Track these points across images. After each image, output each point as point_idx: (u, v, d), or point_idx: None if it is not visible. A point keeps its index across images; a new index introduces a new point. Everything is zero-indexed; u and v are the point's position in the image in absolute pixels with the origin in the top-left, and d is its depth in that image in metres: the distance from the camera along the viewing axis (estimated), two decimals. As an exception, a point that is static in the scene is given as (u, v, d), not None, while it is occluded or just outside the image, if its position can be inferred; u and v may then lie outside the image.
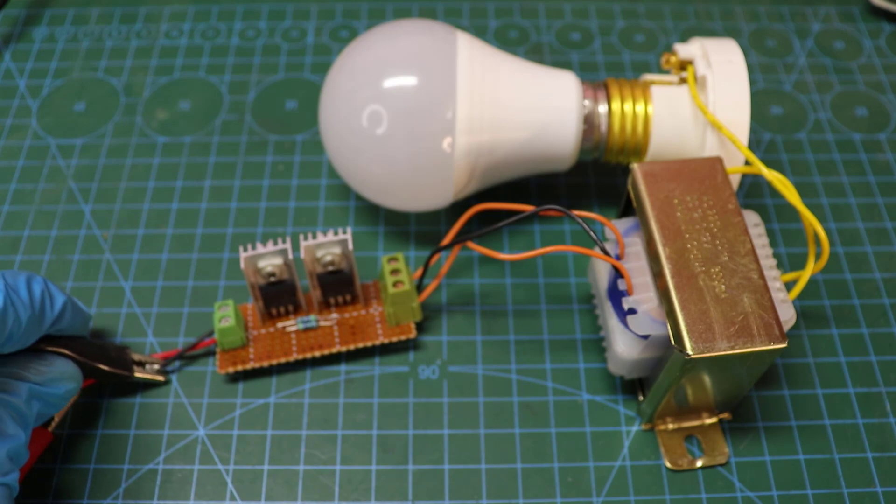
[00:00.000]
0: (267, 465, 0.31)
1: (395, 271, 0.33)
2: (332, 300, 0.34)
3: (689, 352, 0.27)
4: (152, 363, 0.33)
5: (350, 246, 0.32)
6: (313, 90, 0.43)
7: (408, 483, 0.31)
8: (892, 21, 0.47)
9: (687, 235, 0.29)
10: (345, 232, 0.32)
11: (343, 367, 0.34)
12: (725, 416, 0.32)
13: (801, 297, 0.36)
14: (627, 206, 0.32)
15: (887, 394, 0.33)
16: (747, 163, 0.33)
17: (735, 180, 0.34)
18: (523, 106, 0.33)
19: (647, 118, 0.34)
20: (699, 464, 0.31)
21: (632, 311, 0.29)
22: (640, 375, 0.32)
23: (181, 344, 0.34)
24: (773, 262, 0.30)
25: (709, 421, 0.32)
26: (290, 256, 0.31)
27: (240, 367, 0.32)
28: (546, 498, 0.30)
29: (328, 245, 0.32)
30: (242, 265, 0.31)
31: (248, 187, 0.39)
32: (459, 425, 0.32)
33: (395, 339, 0.33)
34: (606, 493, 0.31)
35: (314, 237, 0.31)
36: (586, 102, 0.34)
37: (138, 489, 0.31)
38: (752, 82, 0.44)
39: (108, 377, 0.31)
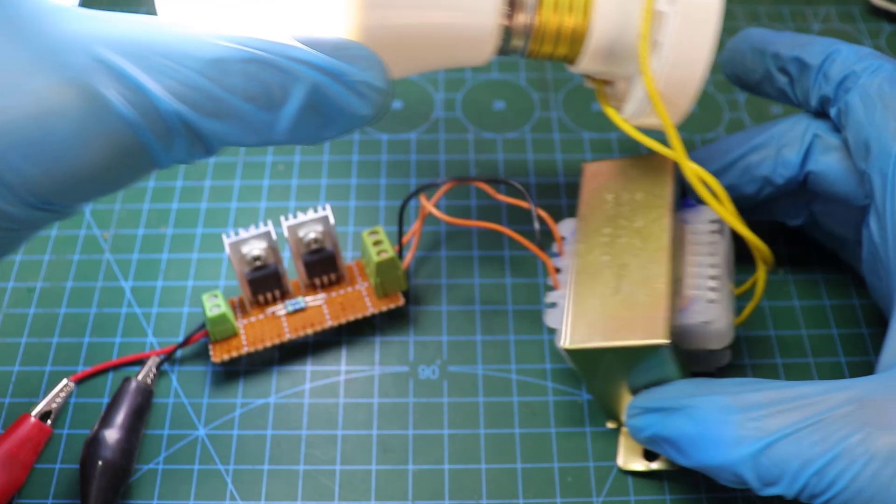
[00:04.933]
0: (267, 465, 0.31)
1: (377, 243, 0.33)
2: (317, 281, 0.34)
3: (564, 344, 0.27)
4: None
5: (331, 221, 0.32)
6: (313, 90, 0.43)
7: (408, 483, 0.31)
8: (892, 21, 0.47)
9: (607, 230, 0.29)
10: (324, 209, 0.32)
11: (343, 367, 0.34)
12: None
13: (801, 296, 0.36)
14: None
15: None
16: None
17: None
18: None
19: (586, 3, 0.27)
20: (654, 466, 0.31)
21: (552, 306, 0.29)
22: None
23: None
24: (717, 259, 0.29)
25: None
26: (274, 237, 0.32)
27: (234, 354, 0.32)
28: (546, 498, 0.30)
29: (310, 223, 0.32)
30: (228, 251, 0.31)
31: (248, 187, 0.39)
32: (459, 425, 0.32)
33: (384, 309, 0.33)
34: (606, 493, 0.31)
35: (294, 216, 0.32)
36: None
37: (138, 489, 0.30)
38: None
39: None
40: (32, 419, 0.31)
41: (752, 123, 0.42)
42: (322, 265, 0.33)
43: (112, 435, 0.30)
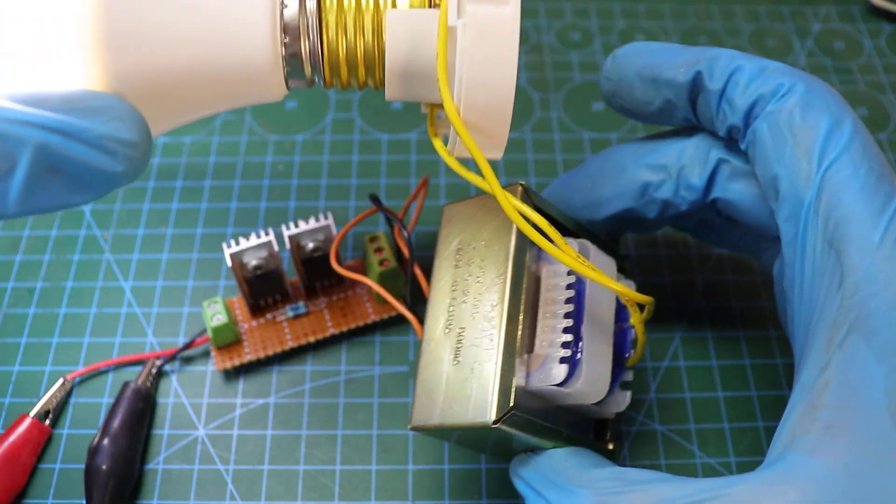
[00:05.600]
0: (267, 465, 0.31)
1: (378, 250, 0.33)
2: (318, 285, 0.34)
3: (410, 423, 0.24)
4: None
5: (333, 231, 0.32)
6: (313, 91, 0.43)
7: (408, 483, 0.31)
8: (892, 21, 0.47)
9: (454, 289, 0.26)
10: (326, 218, 0.32)
11: (343, 367, 0.34)
12: None
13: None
14: None
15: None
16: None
17: None
18: (179, 3, 0.22)
19: (377, 22, 0.23)
20: None
21: None
22: None
23: (181, 344, 0.34)
24: (570, 308, 0.25)
25: None
26: (276, 248, 0.32)
27: (237, 362, 0.33)
28: (546, 498, 0.30)
29: (312, 232, 0.32)
30: (229, 262, 0.31)
31: (248, 187, 0.39)
32: (459, 425, 0.32)
33: (385, 316, 0.34)
34: (606, 493, 0.31)
35: (296, 226, 0.32)
36: None
37: (138, 489, 0.30)
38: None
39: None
40: (31, 419, 0.31)
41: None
42: (323, 272, 0.33)
43: (115, 443, 0.30)
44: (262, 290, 0.33)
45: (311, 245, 0.32)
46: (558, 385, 0.24)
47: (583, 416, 0.28)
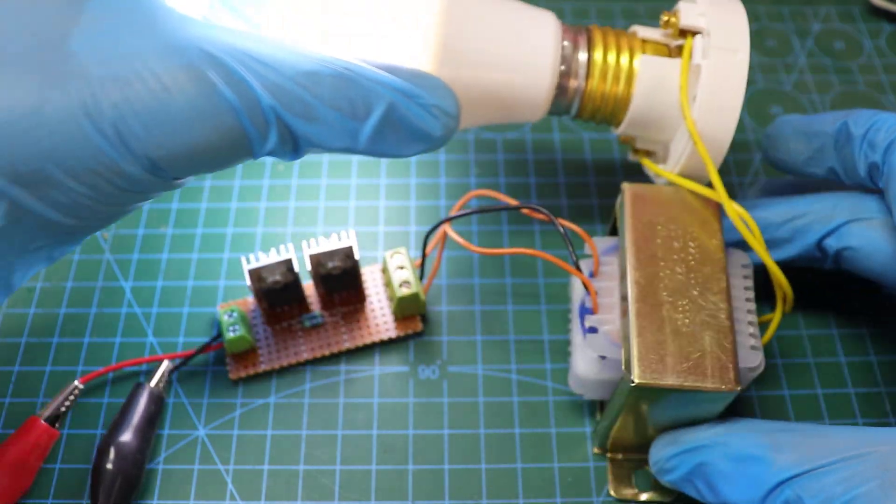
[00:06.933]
0: (267, 465, 0.31)
1: (400, 268, 0.33)
2: (335, 296, 0.34)
3: (636, 378, 0.26)
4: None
5: (356, 255, 0.32)
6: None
7: (408, 483, 0.31)
8: (892, 21, 0.47)
9: (661, 263, 0.28)
10: (348, 236, 0.32)
11: (343, 367, 0.34)
12: None
13: (805, 296, 0.35)
14: (615, 226, 0.32)
15: (887, 394, 0.33)
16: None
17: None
18: (493, 39, 0.29)
19: (630, 73, 0.30)
20: (643, 497, 0.30)
21: (592, 330, 0.29)
22: (597, 397, 0.31)
23: (181, 345, 0.34)
24: (753, 306, 0.29)
25: None
26: (296, 269, 0.31)
27: (251, 372, 0.33)
28: (546, 498, 0.30)
29: (333, 254, 0.32)
30: (248, 281, 0.31)
31: (248, 187, 0.39)
32: (459, 425, 0.32)
33: (402, 335, 0.34)
34: (606, 494, 0.31)
35: (317, 241, 0.31)
36: (565, 44, 0.30)
37: (138, 489, 0.30)
38: (752, 82, 0.44)
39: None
40: (42, 423, 0.30)
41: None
42: (342, 284, 0.33)
43: (125, 444, 0.30)
44: (279, 298, 0.33)
45: (330, 264, 0.32)
46: (750, 368, 0.28)
47: None
